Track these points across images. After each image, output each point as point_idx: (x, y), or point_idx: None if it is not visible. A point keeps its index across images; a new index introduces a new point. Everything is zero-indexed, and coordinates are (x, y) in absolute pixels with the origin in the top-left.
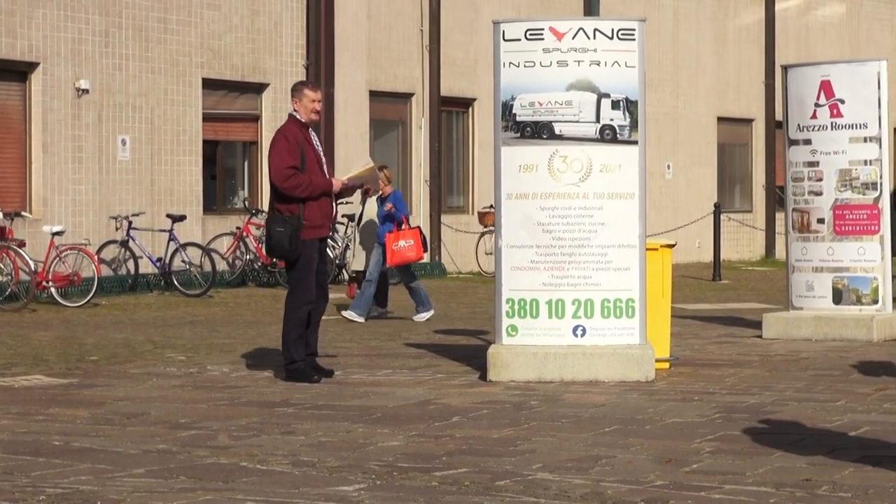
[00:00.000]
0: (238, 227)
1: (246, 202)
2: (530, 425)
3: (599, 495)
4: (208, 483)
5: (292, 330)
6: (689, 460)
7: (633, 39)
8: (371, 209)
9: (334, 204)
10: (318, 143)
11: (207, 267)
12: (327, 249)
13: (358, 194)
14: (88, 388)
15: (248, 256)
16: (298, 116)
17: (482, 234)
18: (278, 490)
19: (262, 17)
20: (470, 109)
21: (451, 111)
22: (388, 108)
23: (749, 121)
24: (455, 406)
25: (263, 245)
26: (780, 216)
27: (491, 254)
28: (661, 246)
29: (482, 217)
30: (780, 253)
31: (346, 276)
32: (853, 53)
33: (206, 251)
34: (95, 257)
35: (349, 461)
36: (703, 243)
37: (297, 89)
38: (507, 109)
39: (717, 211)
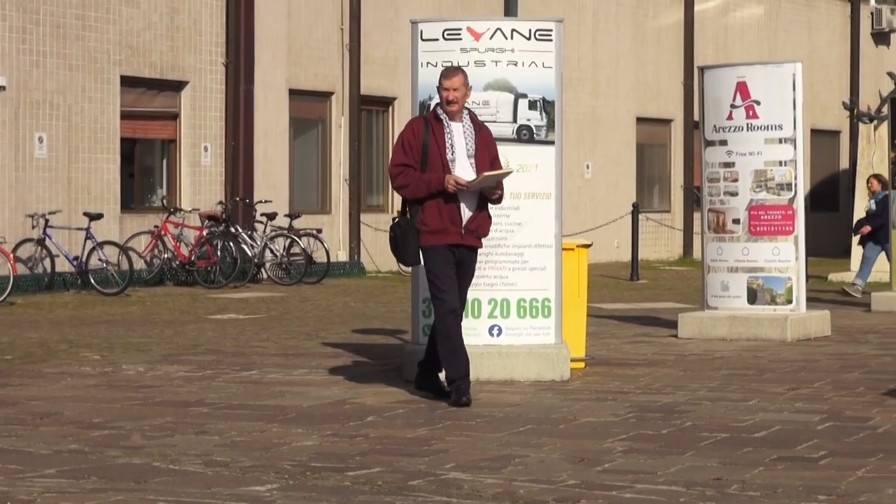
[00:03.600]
0: (156, 226)
1: (164, 200)
2: (444, 425)
3: (511, 494)
4: (120, 483)
5: (441, 345)
6: (601, 459)
7: (551, 40)
8: None
9: (463, 206)
10: (464, 136)
11: (125, 265)
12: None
13: None
14: (1, 388)
15: (165, 255)
16: (439, 107)
17: None
18: (190, 490)
19: (181, 14)
20: (390, 108)
21: (370, 110)
22: (307, 106)
23: (668, 121)
24: (370, 406)
25: None
26: (697, 216)
27: None
28: (577, 246)
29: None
30: (697, 253)
31: (265, 275)
32: (771, 55)
33: (124, 249)
34: (11, 255)
35: (262, 461)
36: (622, 243)
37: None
38: (425, 109)
39: (636, 211)
